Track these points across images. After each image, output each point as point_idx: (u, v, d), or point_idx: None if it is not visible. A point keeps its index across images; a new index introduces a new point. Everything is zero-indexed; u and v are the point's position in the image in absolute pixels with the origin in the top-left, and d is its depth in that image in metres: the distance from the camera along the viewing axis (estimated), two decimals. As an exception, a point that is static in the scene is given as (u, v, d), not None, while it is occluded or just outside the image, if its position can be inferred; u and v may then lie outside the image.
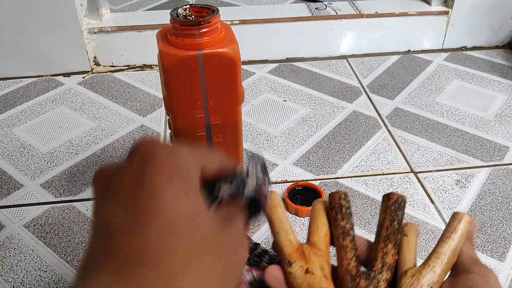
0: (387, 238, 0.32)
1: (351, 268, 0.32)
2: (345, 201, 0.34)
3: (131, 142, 0.89)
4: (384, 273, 0.32)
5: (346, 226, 0.33)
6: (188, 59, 0.50)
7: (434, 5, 1.19)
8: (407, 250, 0.33)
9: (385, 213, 0.33)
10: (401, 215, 0.33)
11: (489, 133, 0.91)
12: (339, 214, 0.33)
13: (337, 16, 1.15)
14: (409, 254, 0.33)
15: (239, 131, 0.57)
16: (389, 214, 0.33)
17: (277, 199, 0.35)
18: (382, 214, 0.33)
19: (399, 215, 0.33)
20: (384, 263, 0.32)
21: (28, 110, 0.99)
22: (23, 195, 0.77)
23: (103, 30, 1.08)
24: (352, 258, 0.33)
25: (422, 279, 0.31)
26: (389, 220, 0.33)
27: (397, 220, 0.33)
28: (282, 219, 0.34)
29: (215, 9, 0.52)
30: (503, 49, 1.23)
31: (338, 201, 0.34)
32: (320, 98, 1.02)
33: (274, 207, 0.35)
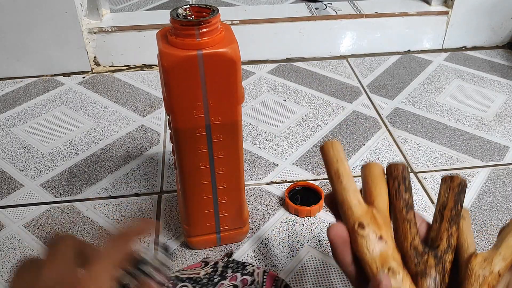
0: (452, 219, 0.31)
1: (416, 244, 0.31)
2: (407, 174, 0.32)
3: (131, 142, 0.89)
4: (449, 254, 0.31)
5: (409, 199, 0.32)
6: (188, 59, 0.50)
7: (434, 5, 1.19)
8: (467, 233, 0.32)
9: (448, 193, 0.32)
10: (463, 198, 0.32)
11: (489, 133, 0.91)
12: (402, 186, 0.32)
13: (337, 16, 1.15)
14: (470, 238, 0.32)
15: (239, 131, 0.57)
16: (452, 196, 0.32)
17: (341, 150, 0.33)
18: (445, 194, 0.32)
19: (461, 198, 0.32)
20: (450, 244, 0.31)
21: (28, 110, 0.99)
22: (23, 195, 0.77)
23: (103, 30, 1.08)
24: (417, 233, 0.31)
25: (493, 265, 0.30)
26: (453, 202, 0.32)
27: (460, 202, 0.32)
28: (350, 174, 0.32)
29: (215, 9, 0.52)
30: (503, 49, 1.23)
31: (402, 172, 0.32)
32: (320, 98, 1.02)
33: (341, 160, 0.32)
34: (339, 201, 0.31)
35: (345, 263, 0.30)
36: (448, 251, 0.31)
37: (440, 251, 0.31)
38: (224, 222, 0.65)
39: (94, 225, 0.72)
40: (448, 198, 0.32)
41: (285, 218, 0.73)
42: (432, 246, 0.31)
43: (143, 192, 0.78)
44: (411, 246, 0.31)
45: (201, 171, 0.59)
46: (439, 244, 0.31)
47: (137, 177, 0.81)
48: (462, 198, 0.32)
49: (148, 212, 0.74)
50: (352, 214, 0.30)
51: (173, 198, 0.77)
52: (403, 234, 0.31)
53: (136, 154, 0.86)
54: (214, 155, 0.58)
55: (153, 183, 0.80)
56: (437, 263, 0.30)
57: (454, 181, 0.32)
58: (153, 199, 0.76)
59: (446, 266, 0.31)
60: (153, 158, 0.85)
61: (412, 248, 0.31)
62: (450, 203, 0.32)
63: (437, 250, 0.31)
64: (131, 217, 0.73)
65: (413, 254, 0.30)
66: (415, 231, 0.31)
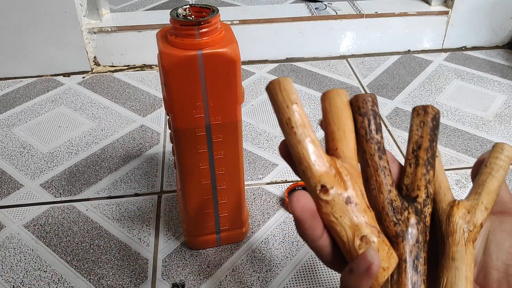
0: (428, 163, 0.27)
1: (393, 197, 0.26)
2: (377, 108, 0.27)
3: (131, 142, 0.89)
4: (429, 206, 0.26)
5: (382, 141, 0.26)
6: (188, 59, 0.50)
7: (434, 5, 1.19)
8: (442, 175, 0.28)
9: (421, 130, 0.27)
10: (437, 134, 0.27)
11: (489, 133, 0.91)
12: (373, 125, 0.26)
13: (337, 16, 1.15)
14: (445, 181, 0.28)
15: (239, 131, 0.57)
16: (427, 133, 0.27)
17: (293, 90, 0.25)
18: (417, 130, 0.27)
19: (436, 135, 0.27)
20: (429, 194, 0.27)
21: (28, 110, 0.99)
22: (23, 195, 0.77)
23: (103, 30, 1.08)
24: (393, 184, 0.26)
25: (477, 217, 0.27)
26: (428, 141, 0.27)
27: (435, 141, 0.27)
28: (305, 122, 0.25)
29: (215, 9, 0.52)
30: (503, 49, 1.23)
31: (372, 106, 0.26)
32: (320, 98, 1.02)
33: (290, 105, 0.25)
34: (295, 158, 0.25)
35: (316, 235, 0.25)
36: (427, 203, 0.26)
37: (419, 204, 0.26)
38: (224, 222, 0.65)
39: (94, 225, 0.72)
40: (422, 136, 0.27)
41: (285, 218, 0.73)
42: (409, 197, 0.26)
43: (143, 192, 0.78)
44: (388, 201, 0.25)
45: (201, 171, 0.59)
46: (417, 195, 0.26)
47: (137, 177, 0.81)
48: (437, 135, 0.27)
49: (148, 212, 0.74)
50: (312, 175, 0.24)
51: (173, 198, 0.77)
52: (376, 186, 0.26)
53: (136, 154, 0.86)
54: (214, 155, 0.58)
55: (153, 183, 0.80)
56: (419, 220, 0.26)
57: (428, 113, 0.27)
58: (153, 199, 0.76)
59: (427, 221, 0.26)
60: (153, 158, 0.85)
61: (389, 203, 0.25)
62: (425, 142, 0.27)
63: (416, 204, 0.26)
64: (131, 217, 0.73)
65: (391, 211, 0.25)
66: (390, 181, 0.26)
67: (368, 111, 0.26)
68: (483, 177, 0.28)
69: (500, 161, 0.28)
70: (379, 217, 0.26)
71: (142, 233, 0.70)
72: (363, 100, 0.26)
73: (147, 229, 0.71)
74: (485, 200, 0.27)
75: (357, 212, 0.24)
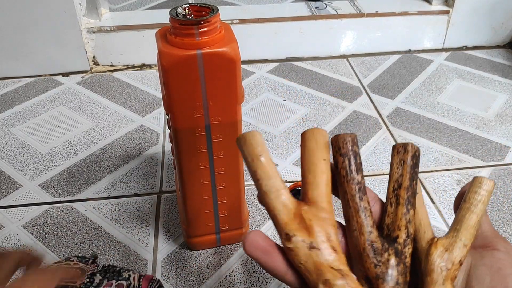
0: (408, 202, 0.27)
1: (374, 239, 0.26)
2: (358, 148, 0.27)
3: (130, 142, 0.89)
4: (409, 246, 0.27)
5: (362, 181, 0.26)
6: (188, 59, 0.49)
7: (435, 4, 1.18)
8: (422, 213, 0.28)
9: (401, 168, 0.27)
10: (418, 172, 0.28)
11: (490, 133, 0.91)
12: (354, 165, 0.26)
13: (337, 15, 1.15)
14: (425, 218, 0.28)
15: (239, 131, 0.57)
16: (407, 171, 0.27)
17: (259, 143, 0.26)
18: (397, 169, 0.27)
19: (417, 173, 0.27)
20: (409, 234, 0.27)
21: (27, 110, 0.98)
22: (22, 195, 0.77)
23: (102, 30, 1.07)
24: (373, 225, 0.26)
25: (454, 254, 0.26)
26: (408, 179, 0.27)
27: (416, 179, 0.27)
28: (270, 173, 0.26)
29: (215, 8, 0.51)
30: (503, 48, 1.23)
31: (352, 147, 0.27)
32: (320, 98, 1.02)
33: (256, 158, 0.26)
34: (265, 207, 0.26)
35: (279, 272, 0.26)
36: (407, 243, 0.27)
37: (399, 245, 0.26)
38: (223, 223, 0.65)
39: (93, 225, 0.71)
40: (402, 175, 0.27)
41: (285, 218, 0.72)
42: (390, 238, 0.27)
43: (142, 192, 0.77)
44: (368, 243, 0.26)
45: (201, 171, 0.58)
46: (397, 235, 0.26)
47: (136, 177, 0.80)
48: (417, 173, 0.27)
49: (147, 213, 0.74)
50: (278, 224, 0.26)
51: (172, 198, 0.76)
52: (357, 227, 0.26)
53: (135, 154, 0.86)
54: (213, 155, 0.57)
55: (152, 183, 0.79)
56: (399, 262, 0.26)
57: (408, 151, 0.27)
58: (152, 200, 0.76)
59: (407, 262, 0.26)
60: (152, 158, 0.85)
61: (370, 245, 0.26)
62: (406, 181, 0.27)
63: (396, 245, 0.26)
64: (130, 217, 0.73)
65: (371, 252, 0.26)
66: (371, 222, 0.26)
67: (348, 152, 0.27)
68: (462, 213, 0.28)
69: (478, 196, 0.27)
70: (361, 258, 0.26)
71: (142, 233, 0.70)
72: (343, 141, 0.27)
73: (147, 229, 0.71)
74: (463, 236, 0.27)
75: (322, 256, 0.25)
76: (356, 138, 0.27)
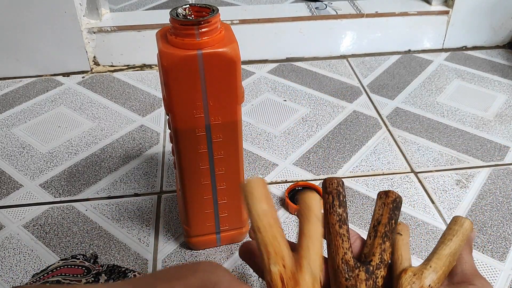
0: (385, 236, 0.31)
1: (348, 258, 0.30)
2: (342, 189, 0.32)
3: (130, 142, 0.89)
4: (381, 269, 0.31)
5: (343, 214, 0.31)
6: (188, 59, 0.49)
7: (435, 4, 1.18)
8: (403, 249, 0.32)
9: (382, 209, 0.32)
10: (398, 214, 0.32)
11: (489, 133, 0.91)
12: (336, 201, 0.31)
13: (337, 15, 1.15)
14: (405, 253, 0.32)
15: (239, 131, 0.57)
16: (387, 212, 0.32)
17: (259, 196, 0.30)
18: (379, 210, 0.32)
19: (396, 214, 0.32)
20: (382, 260, 0.31)
21: (28, 110, 0.99)
22: (22, 195, 0.77)
23: (102, 30, 1.08)
24: (349, 248, 0.31)
25: (423, 279, 0.30)
26: (387, 218, 0.32)
27: (394, 219, 0.32)
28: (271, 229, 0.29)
29: (215, 8, 0.51)
30: (503, 48, 1.23)
31: (336, 187, 0.32)
32: (320, 98, 1.02)
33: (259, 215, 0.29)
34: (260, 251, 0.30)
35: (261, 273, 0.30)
36: (380, 267, 0.30)
37: (372, 266, 0.30)
38: (224, 223, 0.65)
39: (93, 225, 0.71)
40: (382, 214, 0.32)
41: (285, 218, 0.73)
42: (364, 262, 0.31)
43: (143, 192, 0.78)
44: (342, 261, 0.30)
45: (201, 171, 0.58)
46: (371, 259, 0.31)
47: (136, 177, 0.81)
48: (397, 214, 0.32)
49: (147, 213, 0.74)
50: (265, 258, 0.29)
51: (172, 198, 0.76)
52: (335, 248, 0.31)
53: (136, 154, 0.86)
54: (214, 155, 0.58)
55: (152, 183, 0.79)
56: (368, 278, 0.30)
57: (389, 197, 0.32)
58: (153, 199, 0.76)
59: (378, 282, 0.30)
60: (152, 158, 0.85)
61: (344, 262, 0.30)
62: (384, 219, 0.32)
63: (369, 266, 0.30)
64: (130, 217, 0.73)
65: (344, 268, 0.30)
66: (347, 245, 0.31)
67: (333, 190, 0.32)
68: (436, 246, 0.31)
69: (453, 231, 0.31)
70: (335, 275, 0.30)
71: (142, 233, 0.70)
72: (330, 182, 0.32)
73: (147, 229, 0.71)
74: (433, 264, 0.30)
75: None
76: (341, 181, 0.32)
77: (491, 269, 0.65)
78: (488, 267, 0.65)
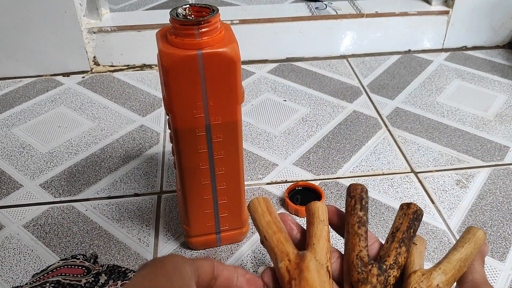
0: (402, 241, 0.33)
1: (363, 255, 0.32)
2: (365, 195, 0.34)
3: (130, 142, 0.89)
4: (395, 270, 0.32)
5: (363, 217, 0.33)
6: (188, 59, 0.49)
7: (435, 4, 1.18)
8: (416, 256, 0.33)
9: (402, 218, 0.34)
10: (417, 225, 0.34)
11: (489, 133, 0.91)
12: (358, 204, 0.34)
13: (337, 15, 1.15)
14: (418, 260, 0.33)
15: (239, 131, 0.57)
16: (406, 221, 0.34)
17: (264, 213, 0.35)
18: (399, 219, 0.34)
19: (415, 225, 0.34)
20: (396, 261, 0.32)
21: (28, 110, 0.99)
22: (22, 195, 0.77)
23: (102, 30, 1.08)
24: (365, 247, 0.33)
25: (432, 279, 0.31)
26: (406, 226, 0.33)
27: (414, 228, 0.34)
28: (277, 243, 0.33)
29: (215, 8, 0.51)
30: (503, 48, 1.23)
31: (360, 192, 0.34)
32: (320, 98, 1.02)
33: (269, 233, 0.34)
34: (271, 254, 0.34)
35: None
36: (394, 267, 0.32)
37: (385, 265, 0.32)
38: (224, 223, 0.65)
39: (93, 225, 0.71)
40: (402, 223, 0.34)
41: (285, 218, 0.72)
42: (379, 261, 0.33)
43: (143, 192, 0.78)
44: (357, 257, 0.32)
45: (201, 171, 0.58)
46: (386, 260, 0.32)
47: (136, 177, 0.81)
48: (416, 225, 0.34)
49: (147, 213, 0.74)
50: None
51: (172, 198, 0.77)
52: (351, 246, 0.33)
53: (136, 154, 0.86)
54: (214, 155, 0.58)
55: (152, 183, 0.79)
56: (380, 274, 0.31)
57: (411, 208, 0.34)
58: (153, 200, 0.76)
59: (390, 280, 0.32)
60: (152, 158, 0.85)
61: (358, 258, 0.32)
62: (403, 227, 0.33)
63: (382, 264, 0.32)
64: (130, 217, 0.73)
65: (358, 264, 0.32)
66: (363, 244, 0.33)
67: (356, 195, 0.34)
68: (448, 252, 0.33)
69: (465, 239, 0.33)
70: (349, 269, 0.32)
71: (142, 233, 0.70)
72: (355, 188, 0.34)
73: (147, 229, 0.71)
74: (443, 266, 0.32)
75: None
76: (365, 188, 0.34)
77: (491, 269, 0.65)
78: (488, 267, 0.65)
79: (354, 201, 0.34)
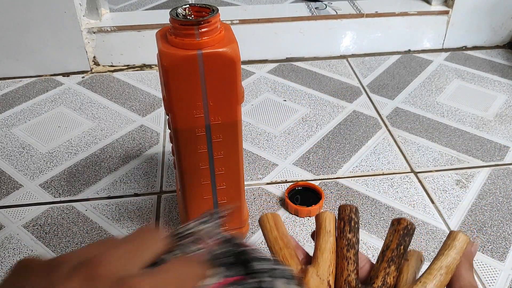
0: (391, 260, 0.33)
1: (350, 280, 0.33)
2: (355, 215, 0.34)
3: (130, 142, 0.89)
4: None
5: (352, 239, 0.34)
6: (188, 59, 0.49)
7: (435, 4, 1.18)
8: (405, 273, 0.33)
9: (392, 236, 0.34)
10: (408, 241, 0.34)
11: (489, 133, 0.91)
12: (347, 226, 0.34)
13: (337, 15, 1.15)
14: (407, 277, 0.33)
15: (239, 131, 0.57)
16: (396, 238, 0.34)
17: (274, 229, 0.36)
18: (390, 237, 0.34)
19: (406, 241, 0.34)
20: (384, 282, 0.33)
21: (28, 110, 0.99)
22: (22, 195, 0.77)
23: (102, 30, 1.08)
24: (354, 270, 0.33)
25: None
26: (396, 244, 0.33)
27: (404, 245, 0.33)
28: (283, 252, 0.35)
29: (215, 8, 0.51)
30: (503, 48, 1.23)
31: (349, 213, 0.34)
32: (320, 98, 1.02)
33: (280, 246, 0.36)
34: None
35: None
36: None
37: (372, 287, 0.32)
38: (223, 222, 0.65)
39: (93, 225, 0.71)
40: (392, 240, 0.34)
41: (285, 218, 0.73)
42: (367, 284, 0.33)
43: (143, 192, 0.78)
44: (345, 282, 0.33)
45: (201, 171, 0.58)
46: (374, 282, 0.33)
47: (136, 177, 0.81)
48: (406, 241, 0.34)
49: (147, 213, 0.74)
50: None
51: (172, 198, 0.76)
52: (340, 270, 0.33)
53: (136, 154, 0.86)
54: (214, 155, 0.58)
55: (152, 183, 0.79)
56: None
57: (401, 224, 0.34)
58: (153, 199, 0.76)
59: None
60: (152, 158, 0.85)
61: (346, 283, 0.33)
62: (393, 244, 0.33)
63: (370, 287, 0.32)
64: (130, 217, 0.73)
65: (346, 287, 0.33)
66: (352, 268, 0.33)
67: (345, 217, 0.34)
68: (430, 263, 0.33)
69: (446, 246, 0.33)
70: None
71: (142, 233, 0.70)
72: (344, 209, 0.35)
73: (147, 229, 0.71)
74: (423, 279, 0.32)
75: None
76: (355, 208, 0.35)
77: (491, 269, 0.65)
78: (488, 267, 0.65)
79: (343, 223, 0.34)
